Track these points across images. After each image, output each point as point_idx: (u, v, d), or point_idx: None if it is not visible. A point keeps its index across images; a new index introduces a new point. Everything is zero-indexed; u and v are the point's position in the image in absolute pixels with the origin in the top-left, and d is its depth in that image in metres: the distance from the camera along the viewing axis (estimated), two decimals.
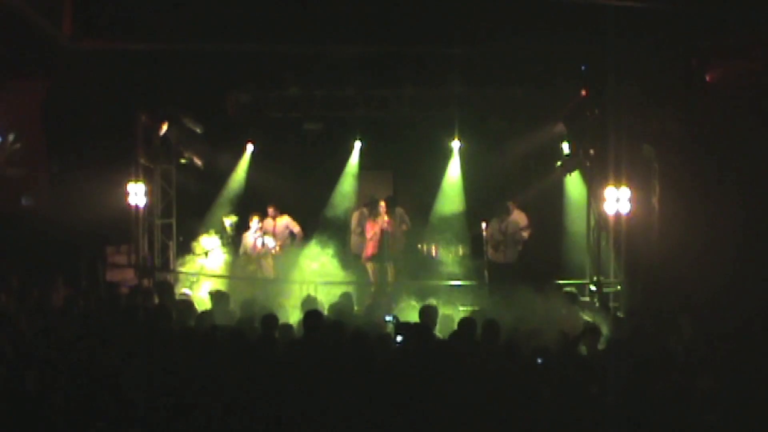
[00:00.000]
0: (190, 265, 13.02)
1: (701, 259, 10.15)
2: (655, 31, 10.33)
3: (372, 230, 13.04)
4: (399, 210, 13.67)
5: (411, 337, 7.45)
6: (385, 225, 12.96)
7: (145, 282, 12.31)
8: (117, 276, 12.55)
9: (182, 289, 10.53)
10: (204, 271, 12.93)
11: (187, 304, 9.24)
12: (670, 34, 10.36)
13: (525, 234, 13.27)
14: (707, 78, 10.60)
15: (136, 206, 12.99)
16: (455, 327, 7.88)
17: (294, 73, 12.75)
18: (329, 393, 5.87)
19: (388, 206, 13.10)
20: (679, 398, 5.99)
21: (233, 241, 13.49)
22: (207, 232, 13.39)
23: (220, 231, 13.47)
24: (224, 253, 13.27)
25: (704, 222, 10.31)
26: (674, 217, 10.95)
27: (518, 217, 13.40)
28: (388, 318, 8.70)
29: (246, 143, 14.56)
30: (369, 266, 13.14)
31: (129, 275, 12.66)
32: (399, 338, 7.64)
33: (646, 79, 10.94)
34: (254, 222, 13.43)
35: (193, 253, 13.29)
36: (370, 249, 13.05)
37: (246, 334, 7.19)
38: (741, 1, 9.80)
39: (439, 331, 8.17)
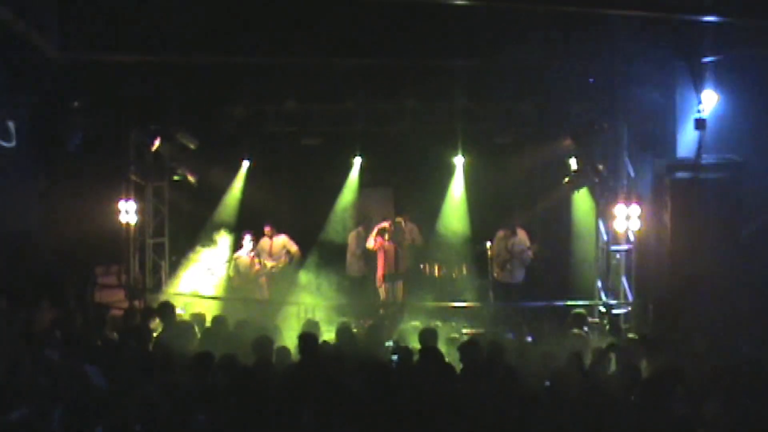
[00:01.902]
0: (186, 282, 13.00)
1: (716, 279, 10.29)
2: (665, 41, 10.34)
3: (372, 240, 13.22)
4: (410, 225, 13.72)
5: (409, 361, 7.44)
6: (385, 244, 13.09)
7: (136, 303, 12.29)
8: (106, 297, 12.50)
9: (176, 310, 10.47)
10: (198, 293, 12.88)
11: (186, 327, 9.23)
12: (680, 43, 10.37)
13: (530, 254, 13.28)
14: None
15: (127, 224, 12.98)
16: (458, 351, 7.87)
17: (291, 86, 12.76)
18: (326, 422, 5.86)
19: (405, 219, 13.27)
20: (686, 424, 6.00)
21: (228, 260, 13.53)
22: (206, 245, 13.34)
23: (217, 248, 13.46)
24: (223, 270, 13.30)
25: (719, 239, 10.33)
26: (687, 234, 10.99)
27: (521, 235, 13.41)
28: (388, 343, 8.65)
29: (241, 159, 14.49)
30: (382, 287, 13.29)
31: (119, 296, 12.63)
32: (395, 357, 7.70)
33: (657, 90, 11.00)
34: (247, 240, 13.43)
35: (190, 266, 13.25)
36: (382, 267, 13.23)
37: (239, 359, 7.16)
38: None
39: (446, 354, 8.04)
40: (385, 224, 13.27)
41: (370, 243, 13.33)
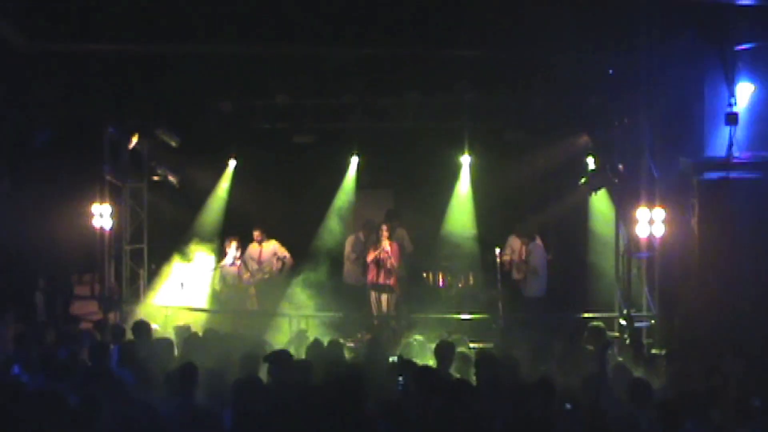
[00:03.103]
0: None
1: (748, 290, 10.19)
2: (693, 26, 10.36)
3: (372, 254, 13.21)
4: (400, 231, 13.77)
5: (420, 381, 7.25)
6: (383, 255, 13.05)
7: (111, 316, 12.24)
8: (79, 309, 12.60)
9: (153, 325, 10.35)
10: (181, 305, 12.77)
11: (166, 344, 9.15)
12: (711, 28, 10.34)
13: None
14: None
15: (102, 230, 12.86)
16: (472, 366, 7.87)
17: (282, 79, 12.74)
18: None
19: (389, 226, 13.20)
20: None
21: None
22: (183, 257, 13.29)
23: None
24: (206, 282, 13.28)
25: (750, 246, 10.27)
26: (716, 240, 10.86)
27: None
28: (392, 359, 8.58)
29: (228, 158, 14.54)
30: (372, 295, 13.34)
31: (92, 309, 12.64)
32: (400, 379, 7.53)
33: (684, 81, 10.94)
34: (232, 248, 13.36)
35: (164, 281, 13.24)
36: (371, 275, 13.24)
37: (226, 375, 7.13)
38: None
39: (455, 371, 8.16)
40: (384, 230, 13.22)
41: (370, 257, 13.32)
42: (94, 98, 12.11)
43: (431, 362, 8.22)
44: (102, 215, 12.79)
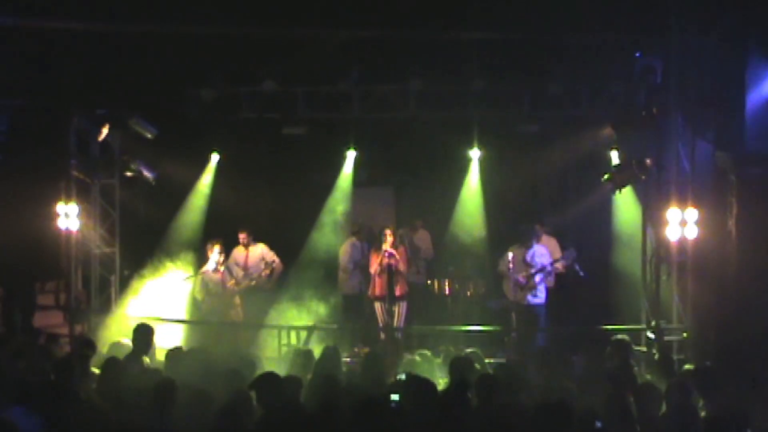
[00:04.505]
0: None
1: None
2: (732, 3, 10.57)
3: (375, 263, 13.13)
4: (422, 233, 14.12)
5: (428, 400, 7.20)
6: (392, 260, 12.94)
7: (79, 328, 12.24)
8: (41, 321, 12.49)
9: (122, 339, 10.25)
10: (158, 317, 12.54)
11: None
12: (752, 6, 10.53)
13: (558, 266, 13.29)
14: None
15: (68, 232, 12.78)
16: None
17: (271, 64, 12.67)
18: None
19: (393, 231, 13.24)
20: None
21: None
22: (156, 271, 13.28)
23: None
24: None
25: None
26: (757, 244, 10.83)
27: (549, 245, 13.48)
28: (401, 377, 8.56)
29: (210, 152, 14.52)
30: (377, 307, 13.35)
31: (57, 320, 12.64)
32: (395, 397, 7.54)
33: (721, 67, 10.92)
34: (215, 252, 13.27)
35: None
36: (378, 288, 13.21)
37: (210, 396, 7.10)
38: None
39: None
40: (388, 234, 13.14)
41: (373, 267, 13.22)
42: (59, 83, 12.03)
43: (441, 381, 8.26)
44: (68, 216, 12.69)
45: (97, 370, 8.60)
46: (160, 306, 12.88)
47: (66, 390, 7.51)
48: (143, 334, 9.40)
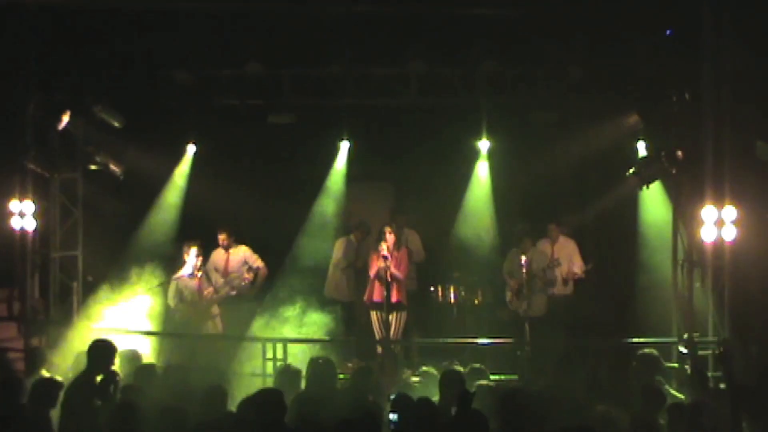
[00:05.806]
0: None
1: None
2: None
3: (375, 265, 13.10)
4: (409, 234, 13.84)
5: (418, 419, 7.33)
6: (383, 263, 12.83)
7: (35, 342, 12.05)
8: None
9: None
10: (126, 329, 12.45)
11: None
12: None
13: (577, 271, 13.44)
14: None
15: (23, 232, 12.70)
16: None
17: (255, 43, 12.63)
18: None
19: (393, 228, 13.14)
20: None
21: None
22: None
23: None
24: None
25: None
26: None
27: (567, 248, 13.62)
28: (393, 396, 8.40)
29: (186, 143, 14.43)
30: (373, 315, 13.31)
31: (10, 333, 12.45)
32: (393, 416, 7.54)
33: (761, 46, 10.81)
34: (191, 255, 13.14)
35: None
36: (376, 293, 13.15)
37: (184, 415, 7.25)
38: None
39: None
40: (388, 233, 13.04)
41: (372, 270, 13.21)
42: (12, 64, 11.96)
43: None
44: (23, 214, 12.59)
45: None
46: (128, 317, 12.56)
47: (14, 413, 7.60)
48: (101, 353, 8.94)
